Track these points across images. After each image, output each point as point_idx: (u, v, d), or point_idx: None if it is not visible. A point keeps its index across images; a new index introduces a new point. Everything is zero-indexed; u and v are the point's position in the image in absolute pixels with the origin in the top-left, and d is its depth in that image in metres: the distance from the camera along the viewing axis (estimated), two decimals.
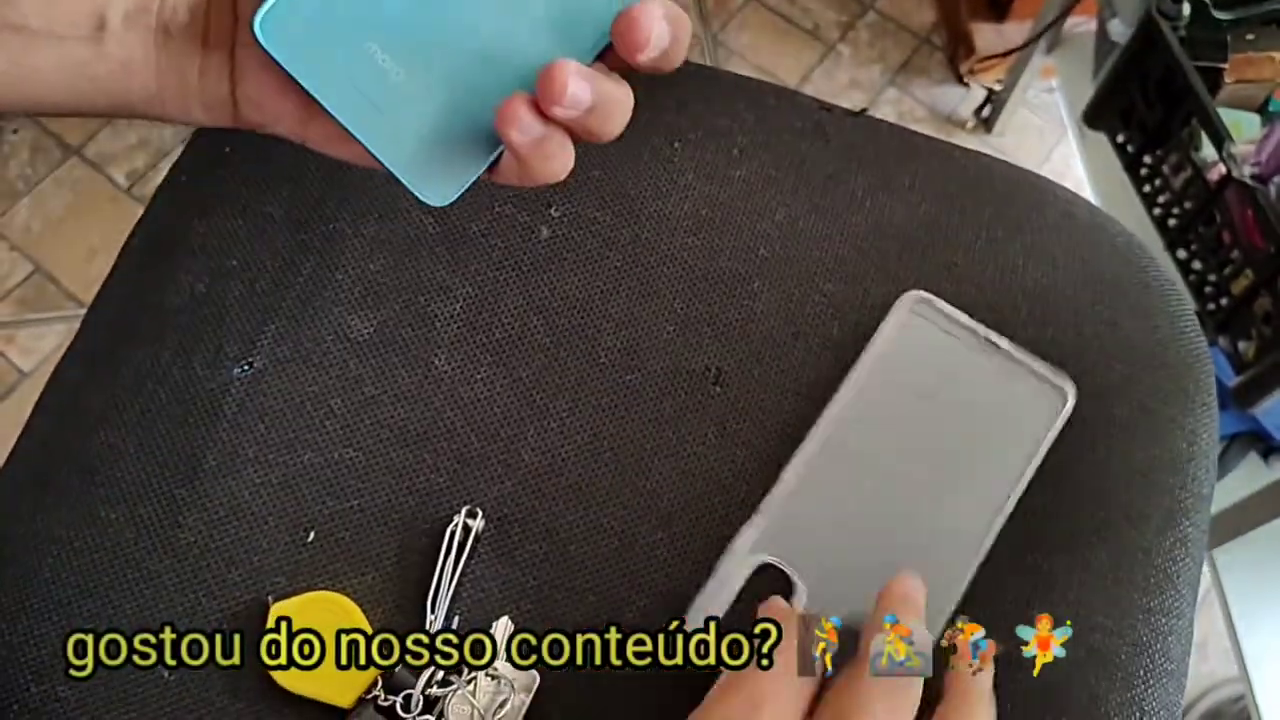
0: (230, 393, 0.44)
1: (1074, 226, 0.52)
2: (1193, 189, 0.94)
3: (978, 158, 0.54)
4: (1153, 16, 0.94)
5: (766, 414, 0.45)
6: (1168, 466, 0.47)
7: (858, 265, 0.49)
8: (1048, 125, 1.48)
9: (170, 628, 0.40)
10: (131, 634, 0.39)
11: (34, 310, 1.27)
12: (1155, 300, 0.51)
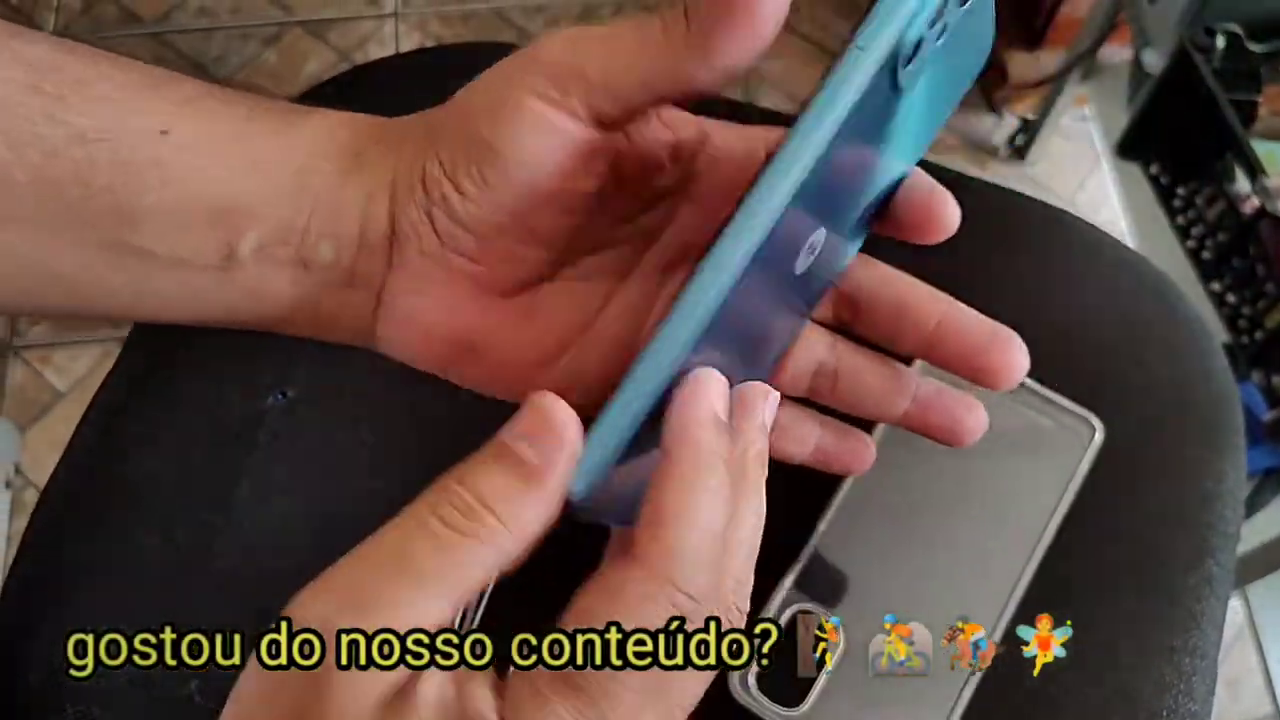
0: (265, 421, 0.45)
1: (1101, 263, 0.52)
2: (1227, 221, 0.93)
3: (1004, 193, 0.54)
4: (1186, 48, 0.94)
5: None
6: (1195, 506, 0.46)
7: None
8: (1082, 154, 1.48)
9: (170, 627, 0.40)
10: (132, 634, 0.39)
11: (70, 331, 1.30)
12: (1183, 338, 0.50)
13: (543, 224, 0.30)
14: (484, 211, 0.29)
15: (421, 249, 0.30)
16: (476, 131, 0.29)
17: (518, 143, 0.28)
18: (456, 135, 0.29)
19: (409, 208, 0.30)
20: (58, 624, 0.42)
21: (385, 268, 0.31)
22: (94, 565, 0.43)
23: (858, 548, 0.44)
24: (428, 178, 0.29)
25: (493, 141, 0.28)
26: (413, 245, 0.30)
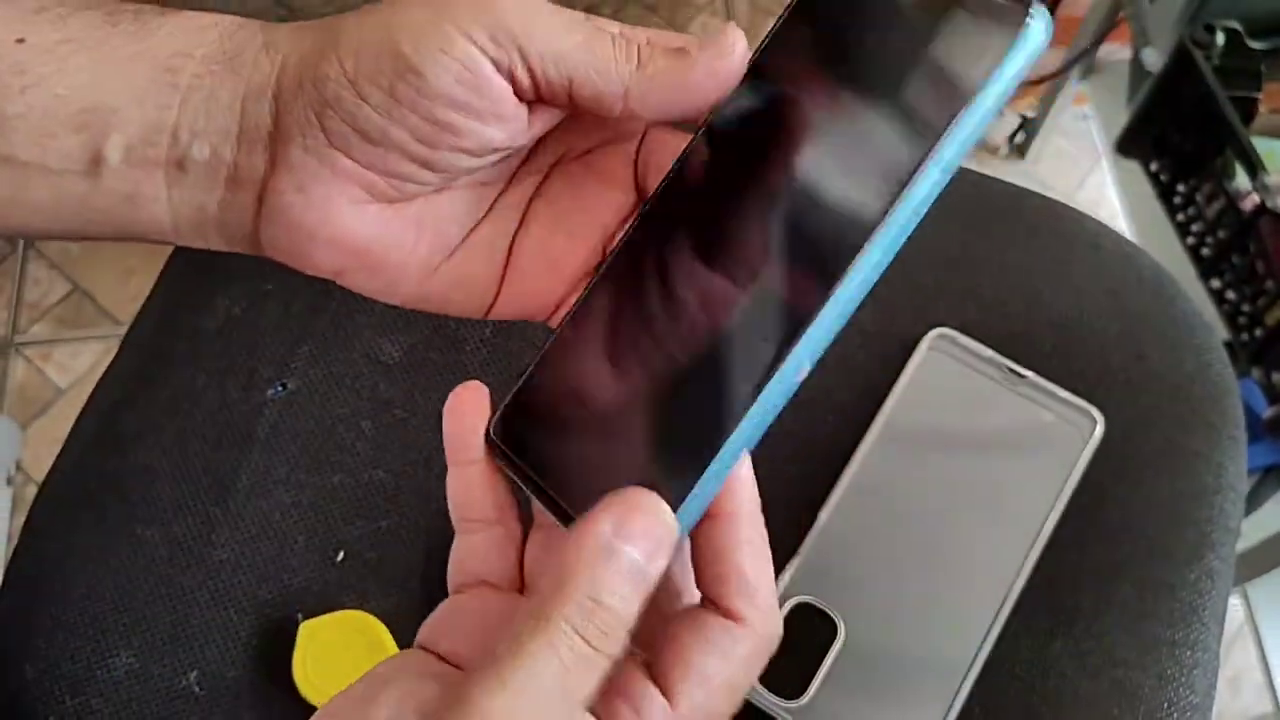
0: (264, 414, 0.45)
1: (1102, 258, 0.52)
2: (1226, 219, 0.93)
3: (1007, 188, 0.55)
4: (1186, 46, 0.93)
5: (794, 441, 0.45)
6: (1194, 500, 0.46)
7: (885, 292, 0.49)
8: (1082, 152, 1.48)
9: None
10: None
11: (71, 328, 1.29)
12: (1182, 333, 0.50)
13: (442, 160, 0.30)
14: (382, 121, 0.29)
15: (305, 146, 0.30)
16: (395, 44, 0.28)
17: (442, 71, 0.28)
18: (368, 42, 0.29)
19: (295, 105, 0.29)
20: (55, 618, 0.42)
21: (268, 166, 0.30)
22: (92, 559, 0.43)
23: (858, 540, 0.44)
24: (320, 79, 0.29)
25: (413, 60, 0.28)
26: (297, 143, 0.30)
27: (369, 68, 0.28)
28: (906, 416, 0.45)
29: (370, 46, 0.29)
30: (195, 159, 0.31)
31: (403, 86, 0.28)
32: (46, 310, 1.30)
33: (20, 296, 1.31)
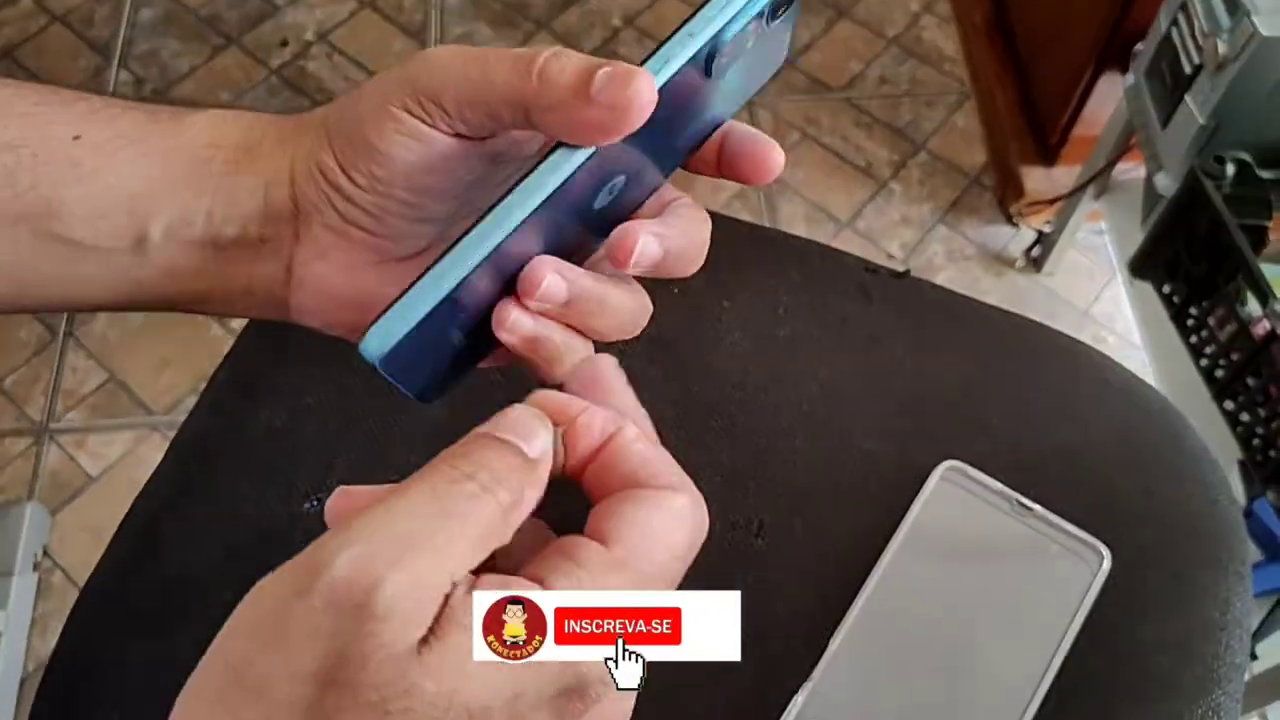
0: (299, 526, 0.47)
1: (1108, 391, 0.54)
2: (1239, 342, 0.95)
3: (1016, 320, 0.57)
4: (1197, 174, 0.96)
5: (806, 568, 0.47)
6: (1200, 634, 0.47)
7: (896, 424, 0.51)
8: (1097, 266, 1.51)
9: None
10: None
11: (105, 416, 1.32)
12: (1189, 467, 0.52)
13: (431, 208, 0.35)
14: (374, 198, 0.34)
15: (324, 223, 0.35)
16: (363, 134, 0.33)
17: (398, 146, 0.33)
18: (346, 134, 0.34)
19: (308, 191, 0.34)
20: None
21: (293, 241, 0.35)
22: (130, 666, 0.44)
23: (870, 667, 0.45)
24: (323, 167, 0.34)
25: (378, 145, 0.33)
26: (316, 220, 0.35)
27: (352, 157, 0.34)
28: (918, 546, 0.47)
29: (350, 140, 0.34)
30: (228, 237, 0.35)
31: (377, 168, 0.33)
32: (82, 398, 1.34)
33: (57, 384, 1.34)
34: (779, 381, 0.52)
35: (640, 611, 0.29)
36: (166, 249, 0.35)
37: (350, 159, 0.34)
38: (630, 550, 0.28)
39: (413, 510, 0.26)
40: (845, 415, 0.51)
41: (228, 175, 0.35)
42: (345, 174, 0.34)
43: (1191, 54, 0.99)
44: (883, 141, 1.61)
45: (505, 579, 0.26)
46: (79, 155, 0.35)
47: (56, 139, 0.35)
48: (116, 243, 0.35)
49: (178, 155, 0.35)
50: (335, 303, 0.36)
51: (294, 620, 0.24)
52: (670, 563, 0.28)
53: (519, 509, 0.28)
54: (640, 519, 0.28)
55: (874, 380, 0.52)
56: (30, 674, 1.16)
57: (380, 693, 0.24)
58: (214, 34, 1.69)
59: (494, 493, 0.27)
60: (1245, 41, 0.91)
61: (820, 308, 0.55)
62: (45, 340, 1.37)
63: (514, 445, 0.28)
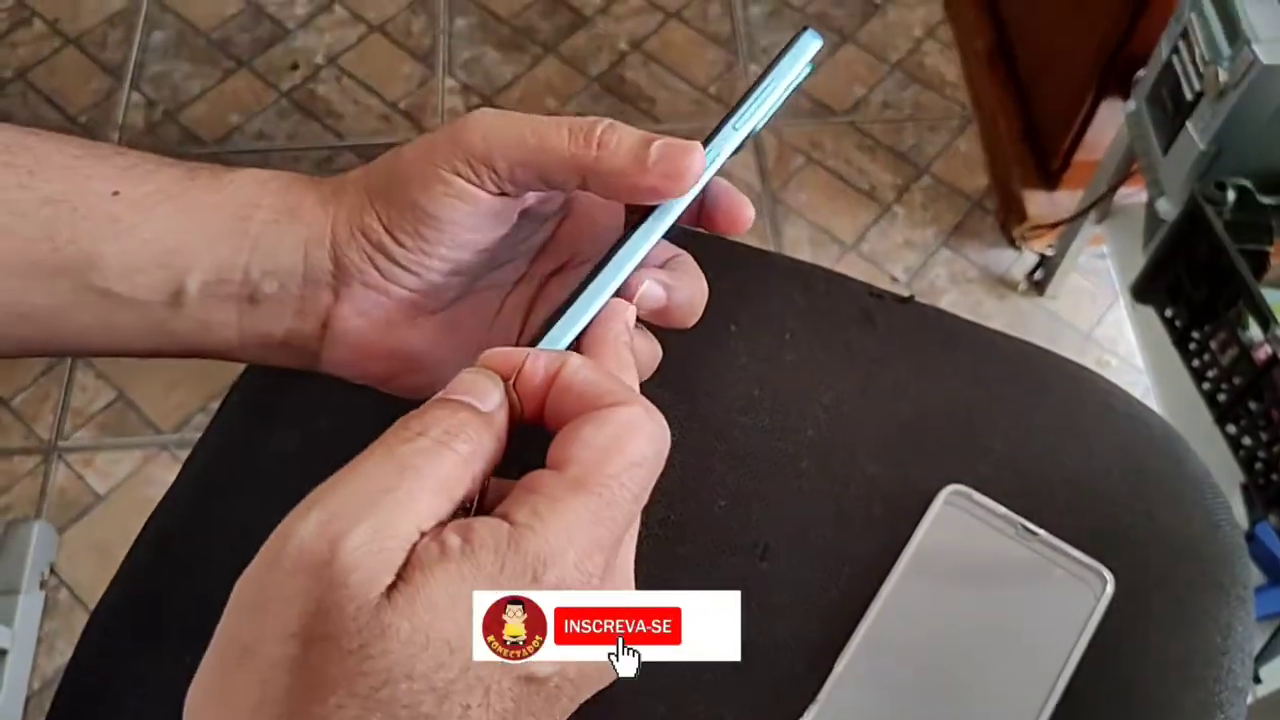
0: None
1: (1112, 416, 0.55)
2: (1240, 366, 0.95)
3: (1019, 345, 0.57)
4: (1198, 200, 0.97)
5: (810, 591, 0.47)
6: (1202, 659, 0.48)
7: (900, 449, 0.51)
8: (1100, 290, 1.51)
9: None
10: None
11: (113, 435, 1.33)
12: (1191, 493, 0.52)
13: (465, 261, 0.37)
14: (419, 257, 0.36)
15: (364, 281, 0.36)
16: (412, 197, 0.35)
17: (445, 208, 0.35)
18: (393, 197, 0.35)
19: (350, 251, 0.36)
20: None
21: (332, 299, 0.37)
22: (142, 686, 0.45)
23: (875, 689, 0.45)
24: (367, 229, 0.36)
25: (426, 207, 0.35)
26: (356, 279, 0.36)
27: (398, 218, 0.35)
28: (922, 570, 0.47)
29: (396, 202, 0.35)
30: (265, 293, 0.36)
31: (425, 229, 0.35)
32: (90, 417, 1.34)
33: (66, 403, 1.35)
34: (784, 405, 0.52)
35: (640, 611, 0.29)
36: (202, 303, 0.36)
37: (396, 221, 0.35)
38: (584, 468, 0.28)
39: (369, 471, 0.28)
40: (850, 439, 0.52)
41: (267, 234, 0.36)
42: (390, 235, 0.35)
43: (1192, 81, 1.00)
44: (886, 165, 1.62)
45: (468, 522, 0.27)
46: (117, 211, 0.35)
47: (95, 193, 0.35)
48: (153, 296, 0.36)
49: (217, 212, 0.36)
50: (369, 356, 0.37)
51: (270, 589, 0.26)
52: (627, 471, 0.29)
53: (479, 459, 0.29)
54: (588, 436, 0.29)
55: (878, 404, 0.53)
56: (36, 692, 1.16)
57: (359, 639, 0.25)
58: (225, 57, 1.71)
59: (450, 445, 0.28)
60: (1246, 69, 0.92)
61: (825, 332, 0.55)
62: (54, 359, 1.38)
63: (466, 403, 0.30)
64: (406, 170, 0.35)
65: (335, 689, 0.25)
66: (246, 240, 0.36)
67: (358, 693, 0.24)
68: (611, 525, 0.28)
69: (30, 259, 0.35)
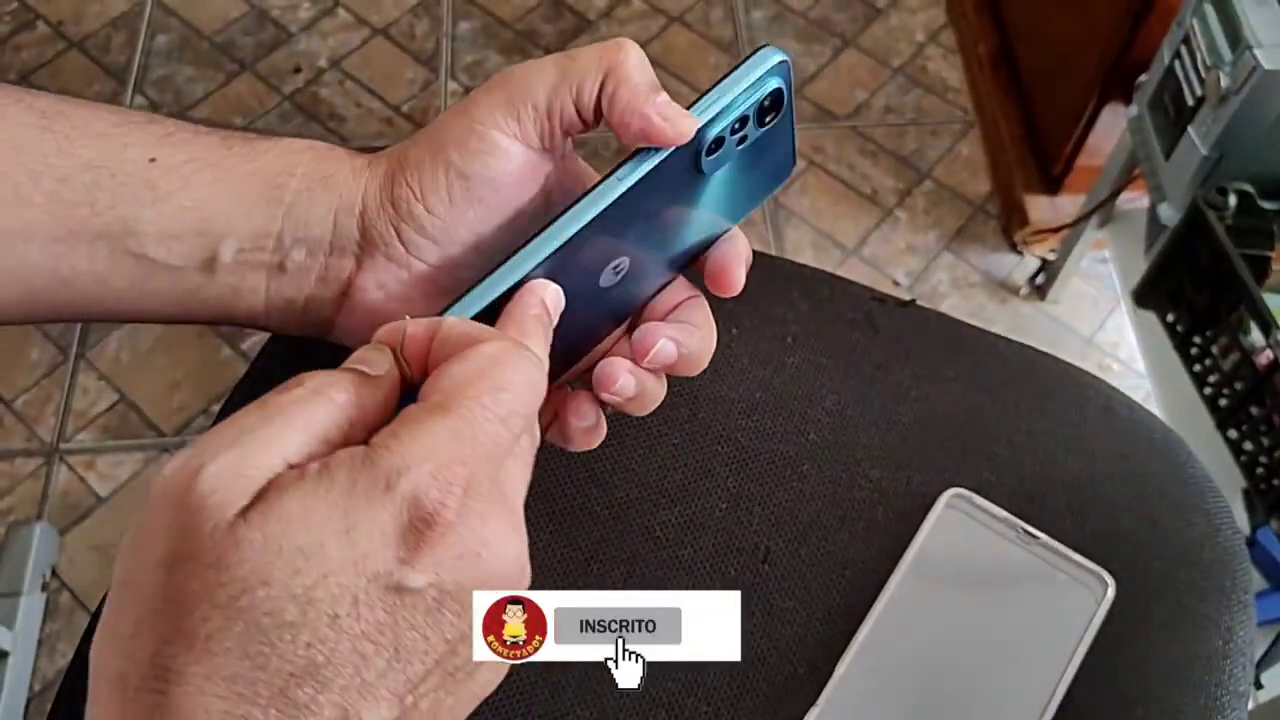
0: None
1: (1113, 421, 0.55)
2: (1242, 371, 0.95)
3: (1021, 349, 0.57)
4: (1199, 205, 0.97)
5: (812, 594, 0.47)
6: (1204, 663, 0.48)
7: (902, 453, 0.51)
8: (1102, 295, 1.51)
9: None
10: None
11: (115, 437, 1.33)
12: (1192, 497, 0.52)
13: (486, 237, 0.37)
14: (445, 224, 0.36)
15: (388, 254, 0.37)
16: (448, 160, 0.36)
17: (479, 164, 0.35)
18: (429, 164, 0.36)
19: (379, 222, 0.36)
20: None
21: (355, 268, 0.37)
22: None
23: (875, 692, 0.45)
24: (397, 199, 0.36)
25: (459, 165, 0.35)
26: (380, 251, 0.37)
27: (429, 182, 0.36)
28: (922, 573, 0.47)
29: (427, 165, 0.36)
30: (295, 261, 0.37)
31: (455, 191, 0.36)
32: (92, 419, 1.35)
33: (68, 405, 1.35)
34: (786, 409, 0.53)
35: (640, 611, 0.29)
36: (235, 270, 0.37)
37: (428, 185, 0.36)
38: (444, 394, 0.29)
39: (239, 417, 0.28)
40: (851, 443, 0.52)
41: (300, 201, 0.37)
42: (422, 203, 0.36)
43: (1194, 86, 1.00)
44: (888, 170, 1.62)
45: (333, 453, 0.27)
46: (154, 177, 0.36)
47: (132, 160, 0.36)
48: (187, 262, 0.37)
49: (252, 180, 0.37)
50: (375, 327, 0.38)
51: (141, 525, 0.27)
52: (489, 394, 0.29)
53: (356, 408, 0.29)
54: (453, 369, 0.29)
55: (880, 409, 0.53)
56: (37, 694, 1.16)
57: (215, 553, 0.25)
58: (228, 60, 1.71)
59: (325, 394, 0.28)
60: (1247, 75, 0.92)
61: (827, 336, 0.55)
62: (57, 361, 1.39)
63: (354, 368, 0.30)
64: (444, 133, 0.36)
65: (199, 603, 0.25)
66: (280, 208, 0.37)
67: (219, 604, 0.25)
68: (474, 443, 0.28)
69: (71, 224, 0.35)
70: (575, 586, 0.47)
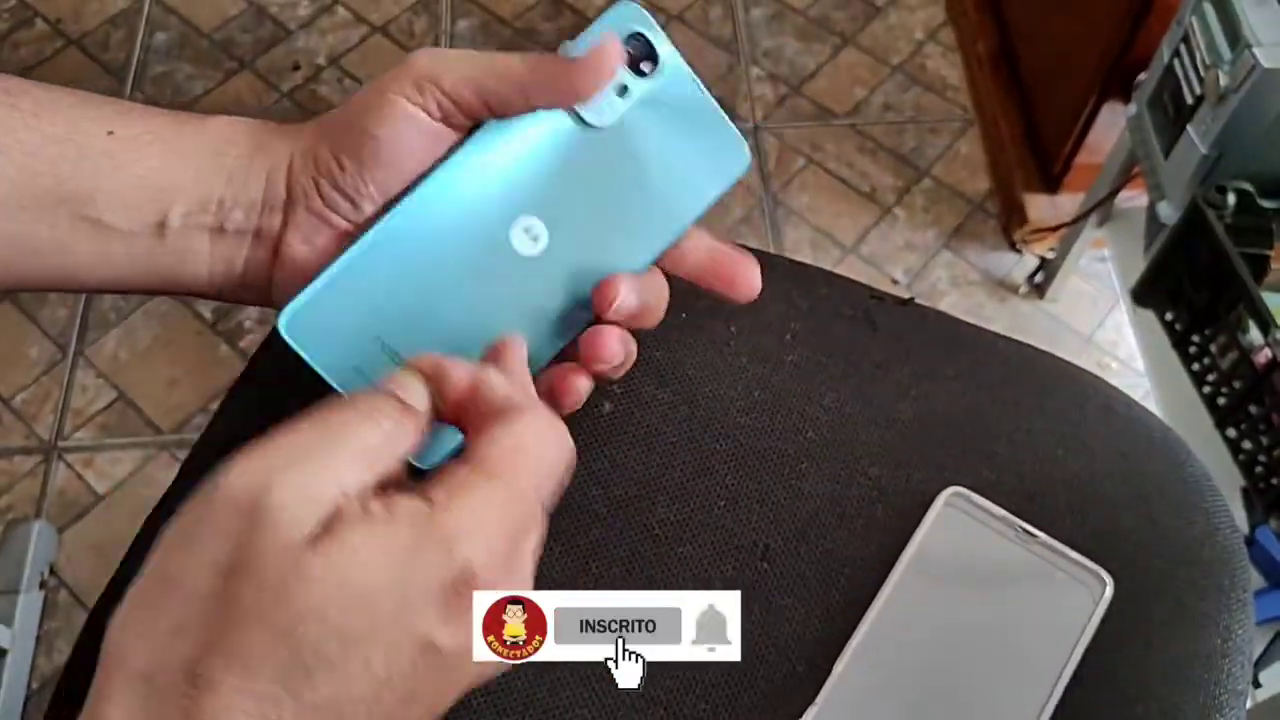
0: None
1: (1113, 420, 0.55)
2: (1241, 370, 0.95)
3: (1020, 348, 0.57)
4: (1199, 204, 0.97)
5: (811, 592, 0.47)
6: (1203, 662, 0.48)
7: (901, 451, 0.51)
8: (1101, 293, 1.51)
9: None
10: None
11: (114, 435, 1.33)
12: (1192, 496, 0.52)
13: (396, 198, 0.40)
14: (356, 182, 0.39)
15: (308, 207, 0.40)
16: (360, 123, 0.39)
17: (387, 129, 0.39)
18: (344, 127, 0.40)
19: (301, 177, 0.40)
20: None
21: (281, 224, 0.40)
22: None
23: (874, 690, 0.45)
24: (318, 157, 0.40)
25: (369, 128, 0.39)
26: (302, 204, 0.40)
27: (344, 144, 0.39)
28: (922, 572, 0.47)
29: (342, 128, 0.40)
30: (234, 220, 0.40)
31: (366, 152, 0.39)
32: (91, 417, 1.34)
33: (67, 402, 1.35)
34: (785, 407, 0.52)
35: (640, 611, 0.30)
36: (181, 233, 0.40)
37: (343, 147, 0.39)
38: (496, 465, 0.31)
39: (298, 432, 0.30)
40: (850, 441, 0.52)
41: (239, 167, 0.40)
42: (336, 160, 0.39)
43: (1193, 85, 1.00)
44: (887, 167, 1.62)
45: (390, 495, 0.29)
46: (113, 148, 0.39)
47: (92, 134, 0.39)
48: (141, 227, 0.39)
49: (199, 151, 0.40)
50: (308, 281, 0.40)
51: (198, 525, 0.28)
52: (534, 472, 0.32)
53: (401, 438, 0.32)
54: (498, 435, 0.32)
55: (879, 407, 0.53)
56: (35, 691, 1.16)
57: (279, 577, 0.26)
58: (227, 58, 1.71)
59: (373, 419, 0.31)
60: (1246, 73, 0.92)
61: (826, 334, 0.55)
62: (55, 359, 1.38)
63: (392, 392, 0.33)
64: (360, 102, 0.40)
65: (251, 621, 0.26)
66: (222, 174, 0.40)
67: (271, 627, 0.26)
68: (515, 519, 0.30)
69: (36, 192, 0.38)
70: (574, 585, 0.47)
